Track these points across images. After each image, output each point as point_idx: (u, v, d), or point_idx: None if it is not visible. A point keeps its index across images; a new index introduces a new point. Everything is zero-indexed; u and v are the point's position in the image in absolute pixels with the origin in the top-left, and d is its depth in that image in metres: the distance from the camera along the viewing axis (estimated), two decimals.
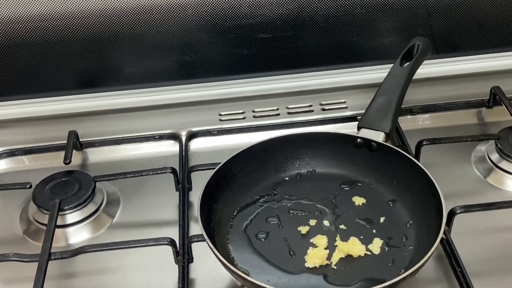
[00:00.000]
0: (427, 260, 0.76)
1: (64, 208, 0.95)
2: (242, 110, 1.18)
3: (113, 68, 1.21)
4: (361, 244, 0.85)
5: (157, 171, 1.00)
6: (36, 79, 1.20)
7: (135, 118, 1.18)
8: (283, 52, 1.21)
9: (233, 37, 1.18)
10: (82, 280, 0.89)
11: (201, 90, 1.22)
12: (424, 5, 1.18)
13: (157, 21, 1.16)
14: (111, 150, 1.11)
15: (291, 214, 0.92)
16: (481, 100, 1.14)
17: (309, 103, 1.18)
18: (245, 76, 1.22)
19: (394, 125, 0.98)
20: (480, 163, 1.03)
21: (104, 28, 1.15)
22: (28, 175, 1.05)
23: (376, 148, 0.95)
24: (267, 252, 0.86)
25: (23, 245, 0.94)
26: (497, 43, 1.24)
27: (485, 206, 0.89)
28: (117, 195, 1.02)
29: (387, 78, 1.03)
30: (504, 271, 0.86)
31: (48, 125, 1.17)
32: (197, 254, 0.88)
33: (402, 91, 1.00)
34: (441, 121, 1.14)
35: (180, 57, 1.20)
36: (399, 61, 1.04)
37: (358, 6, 1.17)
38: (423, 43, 1.05)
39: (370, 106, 1.00)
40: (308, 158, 0.99)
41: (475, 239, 0.90)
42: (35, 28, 1.14)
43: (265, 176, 0.97)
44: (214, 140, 1.13)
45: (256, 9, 1.16)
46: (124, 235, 0.94)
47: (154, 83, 1.22)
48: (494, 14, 1.20)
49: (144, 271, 0.89)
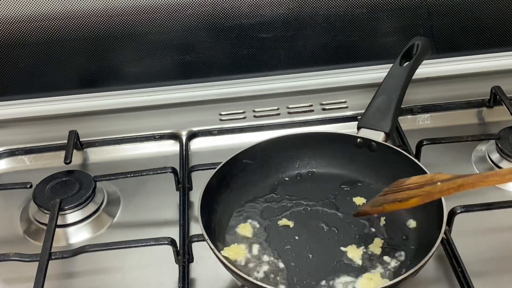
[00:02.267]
0: (428, 260, 0.76)
1: (64, 207, 0.95)
2: (242, 110, 1.18)
3: (114, 68, 1.21)
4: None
5: (158, 171, 1.00)
6: (36, 79, 1.20)
7: (136, 118, 1.18)
8: (283, 51, 1.21)
9: (233, 37, 1.18)
10: (82, 279, 0.89)
11: (202, 89, 1.22)
12: (425, 5, 1.18)
13: (158, 20, 1.16)
14: (111, 150, 1.12)
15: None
16: (482, 100, 1.14)
17: (310, 103, 1.18)
18: (246, 76, 1.22)
19: (394, 125, 0.98)
20: (480, 163, 1.03)
21: (104, 28, 1.15)
22: (28, 175, 1.06)
23: (376, 148, 0.95)
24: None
25: (24, 245, 0.94)
26: (498, 43, 1.24)
27: (486, 206, 0.89)
28: (117, 195, 1.02)
29: (386, 78, 1.03)
30: (504, 271, 0.86)
31: (48, 125, 1.17)
32: (198, 254, 0.88)
33: (402, 91, 1.00)
34: (441, 121, 1.14)
35: (181, 56, 1.20)
36: (399, 60, 1.04)
37: (358, 6, 1.17)
38: (422, 42, 1.05)
39: (370, 106, 1.00)
40: (308, 158, 0.99)
41: (475, 239, 0.90)
42: (36, 28, 1.14)
43: (265, 177, 0.97)
44: (214, 140, 1.13)
45: (257, 9, 1.16)
46: (124, 235, 0.94)
47: (154, 83, 1.22)
48: (495, 14, 1.20)
49: (144, 271, 0.89)
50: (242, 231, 0.89)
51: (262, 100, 1.20)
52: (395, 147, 0.95)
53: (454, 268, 0.84)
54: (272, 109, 1.18)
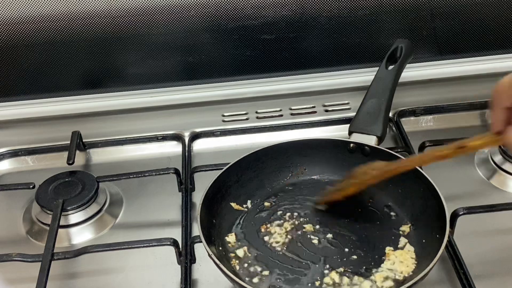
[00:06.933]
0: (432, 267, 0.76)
1: (67, 208, 0.95)
2: (245, 111, 1.18)
3: (117, 69, 1.21)
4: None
5: (160, 172, 1.00)
6: (39, 80, 1.20)
7: (138, 118, 1.18)
8: (286, 53, 1.21)
9: (236, 38, 1.19)
10: (85, 280, 0.89)
11: (204, 91, 1.22)
12: (428, 7, 1.18)
13: (161, 22, 1.16)
14: (114, 151, 1.12)
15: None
16: (485, 102, 1.14)
17: (312, 104, 1.18)
18: (248, 77, 1.22)
19: (386, 128, 0.98)
20: (483, 164, 1.03)
21: (107, 29, 1.15)
22: (31, 176, 1.06)
23: (370, 152, 0.95)
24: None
25: (26, 245, 0.94)
26: (501, 45, 1.23)
27: (488, 207, 0.89)
28: (120, 196, 1.03)
29: (374, 81, 1.03)
30: (507, 273, 0.86)
31: (51, 126, 1.17)
32: (200, 255, 0.88)
33: (390, 94, 1.01)
34: (444, 122, 1.14)
35: (184, 58, 1.20)
36: (384, 64, 1.05)
37: (361, 7, 1.17)
38: (405, 45, 1.06)
39: (359, 111, 1.01)
40: (302, 166, 0.98)
41: (478, 240, 0.90)
42: (39, 29, 1.14)
43: (260, 186, 0.96)
44: (217, 141, 1.13)
45: (259, 10, 1.16)
46: (127, 235, 0.94)
47: (157, 84, 1.22)
48: (498, 16, 1.20)
49: (146, 272, 0.89)
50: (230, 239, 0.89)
51: (264, 101, 1.20)
52: (389, 150, 0.95)
53: (457, 269, 0.84)
54: (274, 110, 1.18)
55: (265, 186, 0.97)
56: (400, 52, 1.06)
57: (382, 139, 0.97)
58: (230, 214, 0.92)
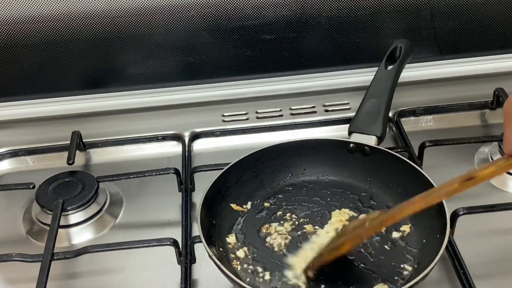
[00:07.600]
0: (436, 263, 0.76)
1: (67, 208, 0.95)
2: (245, 111, 1.18)
3: (117, 69, 1.21)
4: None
5: (160, 172, 1.00)
6: (39, 80, 1.20)
7: (138, 118, 1.18)
8: (286, 53, 1.21)
9: (236, 38, 1.19)
10: (85, 280, 0.89)
11: (204, 91, 1.22)
12: (428, 7, 1.18)
13: (161, 22, 1.16)
14: (114, 151, 1.12)
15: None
16: (485, 102, 1.14)
17: (312, 104, 1.18)
18: (248, 77, 1.22)
19: (385, 128, 0.98)
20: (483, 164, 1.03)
21: (107, 29, 1.15)
22: (31, 176, 1.06)
23: (370, 152, 0.95)
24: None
25: (26, 245, 0.94)
26: (501, 45, 1.23)
27: (488, 207, 0.89)
28: (120, 196, 1.03)
29: (373, 81, 1.03)
30: (507, 273, 0.86)
31: (51, 126, 1.17)
32: (200, 255, 0.88)
33: (390, 94, 1.01)
34: (444, 122, 1.14)
35: (184, 58, 1.20)
36: (384, 64, 1.05)
37: (361, 7, 1.17)
38: (404, 44, 1.06)
39: (359, 111, 1.01)
40: (301, 166, 0.98)
41: (478, 240, 0.90)
42: (39, 29, 1.14)
43: (260, 186, 0.96)
44: (217, 141, 1.13)
45: (259, 11, 1.16)
46: (127, 235, 0.94)
47: (157, 84, 1.22)
48: (498, 15, 1.20)
49: (146, 272, 0.89)
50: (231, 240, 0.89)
51: (264, 101, 1.20)
52: (389, 150, 0.95)
53: (457, 269, 0.84)
54: (274, 110, 1.18)
55: (265, 187, 0.96)
56: (400, 52, 1.06)
57: (382, 139, 0.97)
58: (230, 215, 0.92)
